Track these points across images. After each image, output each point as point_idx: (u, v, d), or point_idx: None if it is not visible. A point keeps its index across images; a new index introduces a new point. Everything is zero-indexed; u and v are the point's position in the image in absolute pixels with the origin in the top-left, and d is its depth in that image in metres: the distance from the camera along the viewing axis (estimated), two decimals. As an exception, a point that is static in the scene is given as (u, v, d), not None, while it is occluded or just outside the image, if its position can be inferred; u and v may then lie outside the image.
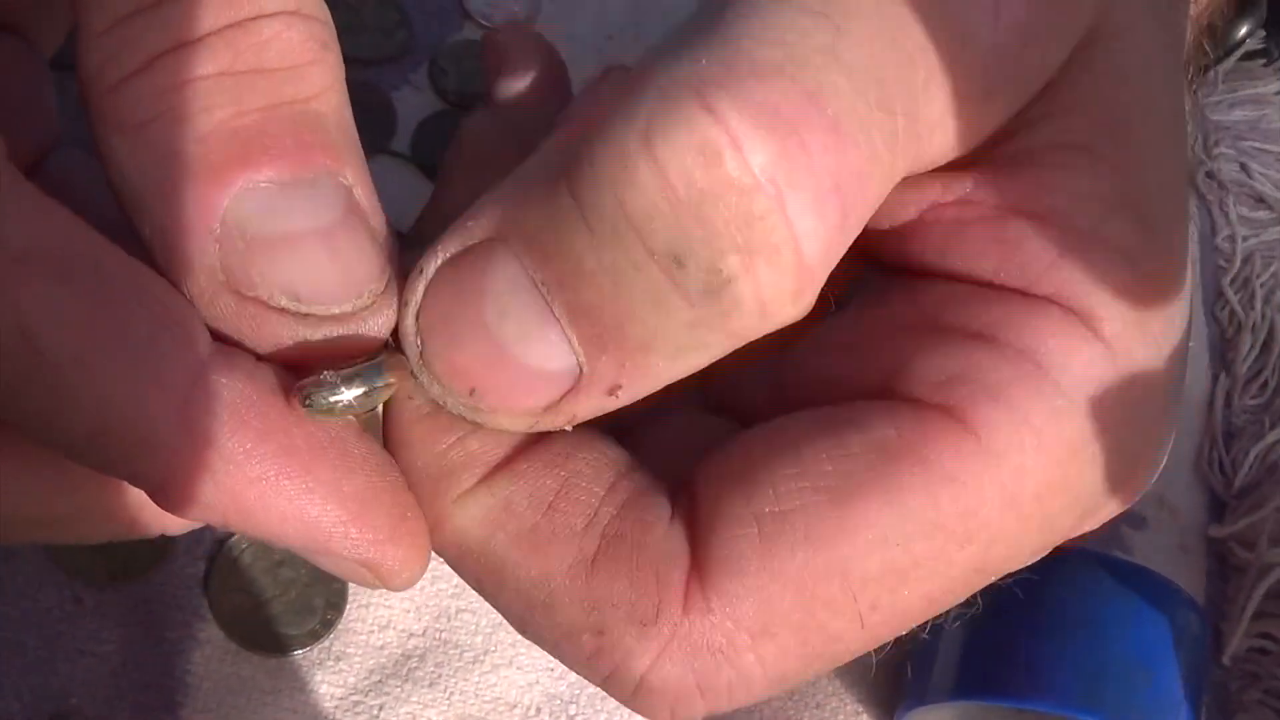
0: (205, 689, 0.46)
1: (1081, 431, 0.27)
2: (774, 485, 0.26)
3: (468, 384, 0.26)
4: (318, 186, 0.25)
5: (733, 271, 0.24)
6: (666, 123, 0.23)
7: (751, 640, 0.26)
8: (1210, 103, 0.67)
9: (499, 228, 0.26)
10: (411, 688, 0.47)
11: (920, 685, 0.47)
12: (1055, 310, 0.27)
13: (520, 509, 0.27)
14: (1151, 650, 0.46)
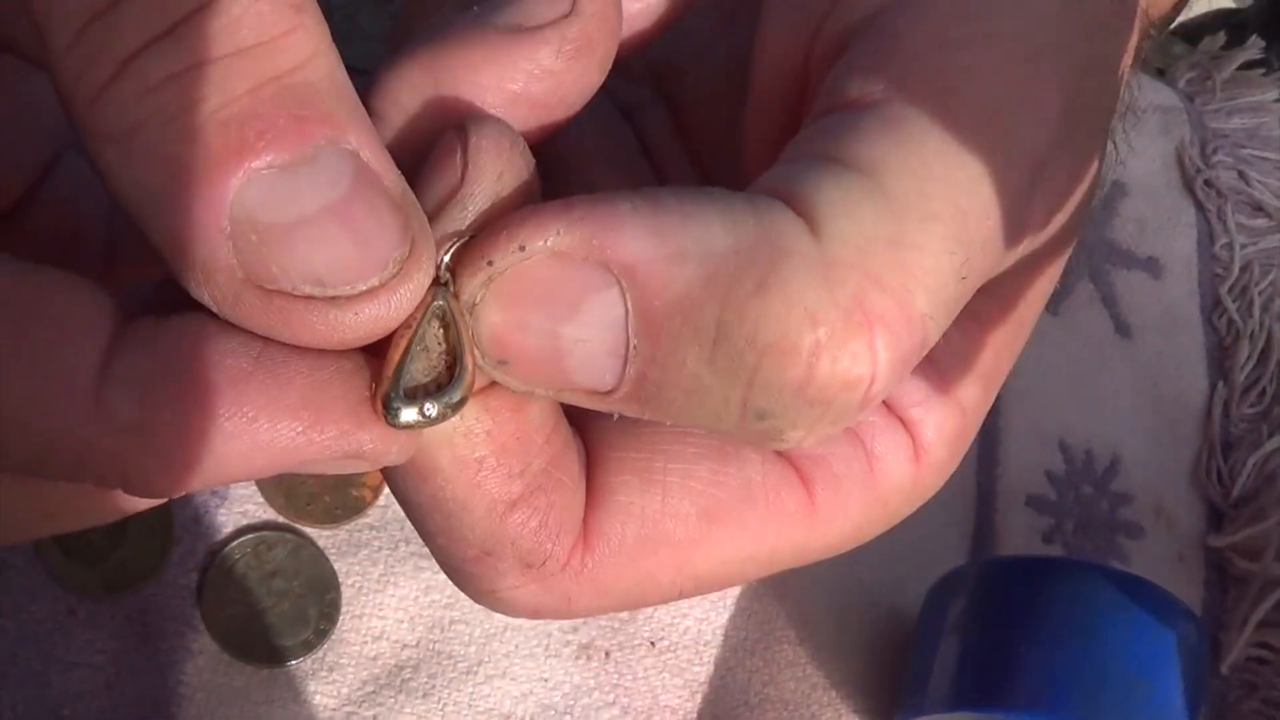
0: (199, 700, 0.46)
1: (880, 522, 0.33)
2: (665, 490, 0.30)
3: (507, 357, 0.26)
4: (320, 161, 0.24)
5: (795, 436, 0.27)
6: (841, 347, 0.25)
7: (594, 596, 0.30)
8: (1209, 110, 0.67)
9: (631, 270, 0.25)
10: (405, 699, 0.47)
11: (917, 696, 0.47)
12: (902, 429, 0.33)
13: (476, 441, 0.27)
14: (1150, 661, 0.45)
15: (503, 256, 0.25)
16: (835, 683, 0.51)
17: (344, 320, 0.24)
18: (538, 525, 0.28)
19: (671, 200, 0.26)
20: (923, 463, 0.33)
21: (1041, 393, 0.58)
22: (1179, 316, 0.62)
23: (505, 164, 0.26)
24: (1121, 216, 0.63)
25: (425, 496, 0.28)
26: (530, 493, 0.28)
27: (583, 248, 0.25)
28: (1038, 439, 0.57)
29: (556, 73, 0.28)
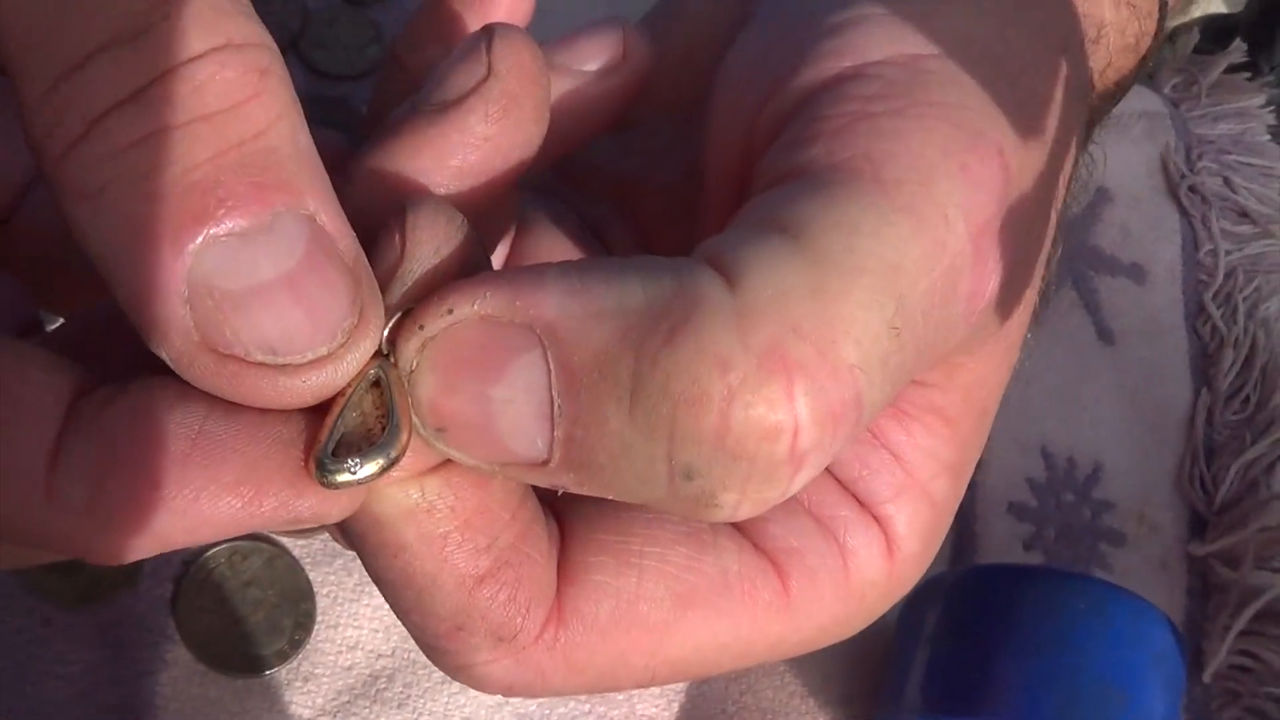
0: (173, 710, 0.46)
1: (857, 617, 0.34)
2: (640, 573, 0.31)
3: (443, 424, 0.26)
4: (276, 229, 0.24)
5: (729, 501, 0.26)
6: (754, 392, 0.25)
7: (568, 673, 0.30)
8: (1194, 116, 0.66)
9: (552, 328, 0.26)
10: (380, 709, 0.47)
11: (892, 704, 0.47)
12: (874, 524, 0.33)
13: (440, 516, 0.28)
14: (1126, 671, 0.45)
15: (434, 321, 0.26)
16: (813, 690, 0.51)
17: (292, 386, 0.25)
18: (507, 599, 0.29)
19: (595, 266, 0.26)
20: (896, 557, 0.34)
21: (1023, 399, 0.58)
22: (1162, 323, 0.61)
23: (442, 239, 0.27)
24: (1105, 222, 0.63)
25: (396, 573, 0.28)
26: (499, 567, 0.29)
27: (508, 309, 0.26)
28: (1019, 446, 0.57)
29: (491, 137, 0.29)
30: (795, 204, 0.28)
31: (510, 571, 0.29)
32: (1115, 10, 0.39)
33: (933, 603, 0.48)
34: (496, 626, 0.29)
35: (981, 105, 0.30)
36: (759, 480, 0.26)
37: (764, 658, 0.33)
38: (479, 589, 0.28)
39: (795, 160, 0.29)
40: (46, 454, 0.25)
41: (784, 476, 0.26)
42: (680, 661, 0.31)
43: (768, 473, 0.26)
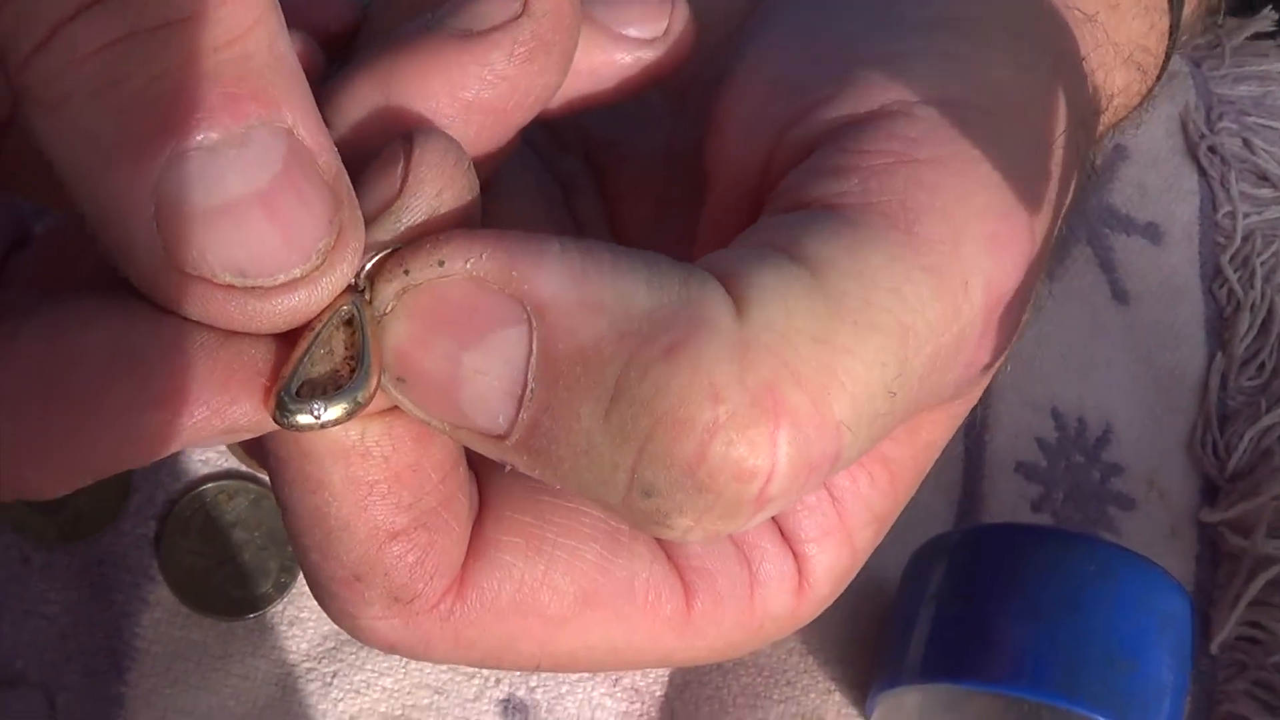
0: (154, 653, 0.45)
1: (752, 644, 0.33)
2: (549, 562, 0.29)
3: (406, 375, 0.25)
4: (251, 142, 0.23)
5: (682, 525, 0.26)
6: (739, 431, 0.24)
7: (453, 646, 0.29)
8: (1215, 76, 0.65)
9: (544, 309, 0.24)
10: (366, 655, 0.46)
11: (894, 666, 0.46)
12: (792, 561, 0.33)
13: (372, 463, 0.26)
14: (1135, 638, 0.44)
15: (420, 269, 0.25)
16: (812, 649, 0.50)
17: (261, 310, 0.24)
18: (414, 562, 0.28)
19: (603, 252, 0.25)
20: (804, 597, 0.33)
21: (1034, 358, 0.57)
22: (1178, 285, 0.60)
23: (447, 181, 0.26)
24: (1122, 180, 0.61)
25: (309, 509, 0.27)
26: (414, 528, 0.27)
27: (501, 276, 0.25)
28: (1029, 405, 0.56)
29: (510, 77, 0.28)
30: (821, 238, 0.26)
31: (424, 535, 0.28)
32: (1125, 76, 0.39)
33: (937, 561, 0.47)
34: (396, 587, 0.28)
35: (1020, 171, 0.29)
36: (718, 515, 0.26)
37: (650, 665, 0.33)
38: (389, 545, 0.27)
39: (828, 189, 0.28)
40: None
41: (744, 516, 0.26)
42: (568, 655, 0.31)
43: (730, 510, 0.25)
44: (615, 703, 0.47)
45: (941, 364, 0.28)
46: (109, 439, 0.24)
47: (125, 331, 0.24)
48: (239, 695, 0.45)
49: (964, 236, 0.27)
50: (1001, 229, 0.28)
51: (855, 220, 0.27)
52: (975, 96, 0.30)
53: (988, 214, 0.28)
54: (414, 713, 0.46)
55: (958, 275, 0.27)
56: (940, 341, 0.27)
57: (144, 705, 0.44)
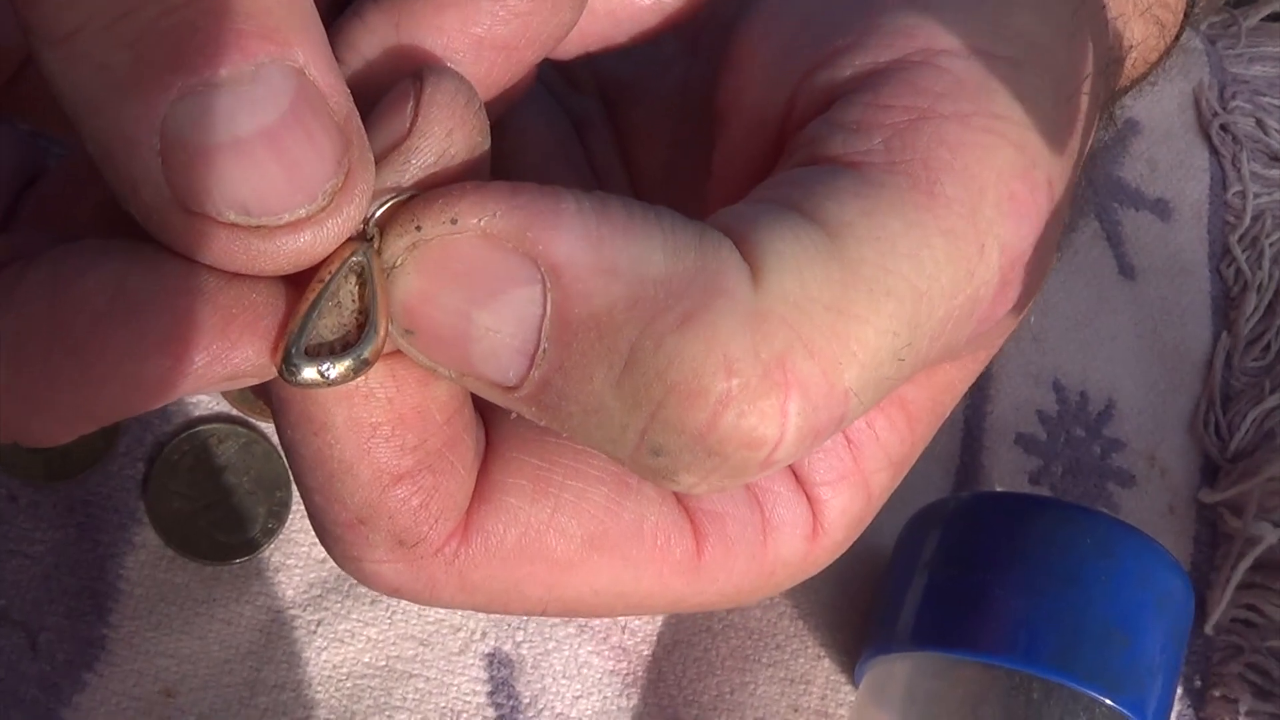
0: (138, 595, 0.44)
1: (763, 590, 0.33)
2: (556, 505, 0.29)
3: (414, 328, 0.25)
4: (259, 80, 0.22)
5: (688, 481, 0.26)
6: (750, 403, 0.25)
7: (458, 590, 0.29)
8: (1231, 55, 0.64)
9: (559, 272, 0.24)
10: (352, 604, 0.45)
11: (885, 633, 0.46)
12: (806, 505, 0.32)
13: (376, 405, 0.26)
14: (1131, 615, 0.44)
15: (433, 225, 0.24)
16: (803, 614, 0.49)
17: (265, 250, 0.23)
18: (419, 505, 0.27)
19: (619, 211, 0.25)
20: (817, 542, 0.33)
21: (1039, 329, 0.56)
22: (1185, 262, 0.60)
23: (458, 122, 0.25)
24: (1132, 155, 0.61)
25: (312, 451, 0.27)
26: (419, 470, 0.27)
27: (515, 236, 0.24)
28: (1031, 377, 0.55)
29: (523, 14, 0.27)
30: (840, 200, 0.26)
31: (430, 477, 0.27)
32: (1143, 29, 0.39)
33: (932, 528, 0.46)
34: (401, 530, 0.27)
35: (1042, 128, 0.29)
36: (724, 474, 0.26)
37: (659, 611, 0.32)
38: (394, 487, 0.27)
39: (850, 147, 0.28)
40: None
41: (749, 475, 0.26)
42: (575, 600, 0.30)
43: (736, 471, 0.26)
44: (602, 660, 0.47)
45: (954, 325, 0.28)
46: (111, 386, 0.24)
47: (127, 277, 0.24)
48: (222, 640, 0.44)
49: (983, 199, 0.27)
50: (1020, 188, 0.28)
51: (876, 181, 0.27)
52: (1000, 46, 0.29)
53: (1008, 173, 0.28)
54: (398, 664, 0.45)
55: (974, 239, 0.27)
56: (953, 304, 0.27)
57: (125, 647, 0.44)
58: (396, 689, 0.45)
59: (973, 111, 0.28)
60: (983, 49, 0.29)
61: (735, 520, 0.31)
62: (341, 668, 0.45)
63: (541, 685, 0.47)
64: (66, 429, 0.24)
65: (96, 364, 0.23)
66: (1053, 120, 0.29)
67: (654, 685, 0.48)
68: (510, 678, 0.46)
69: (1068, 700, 0.43)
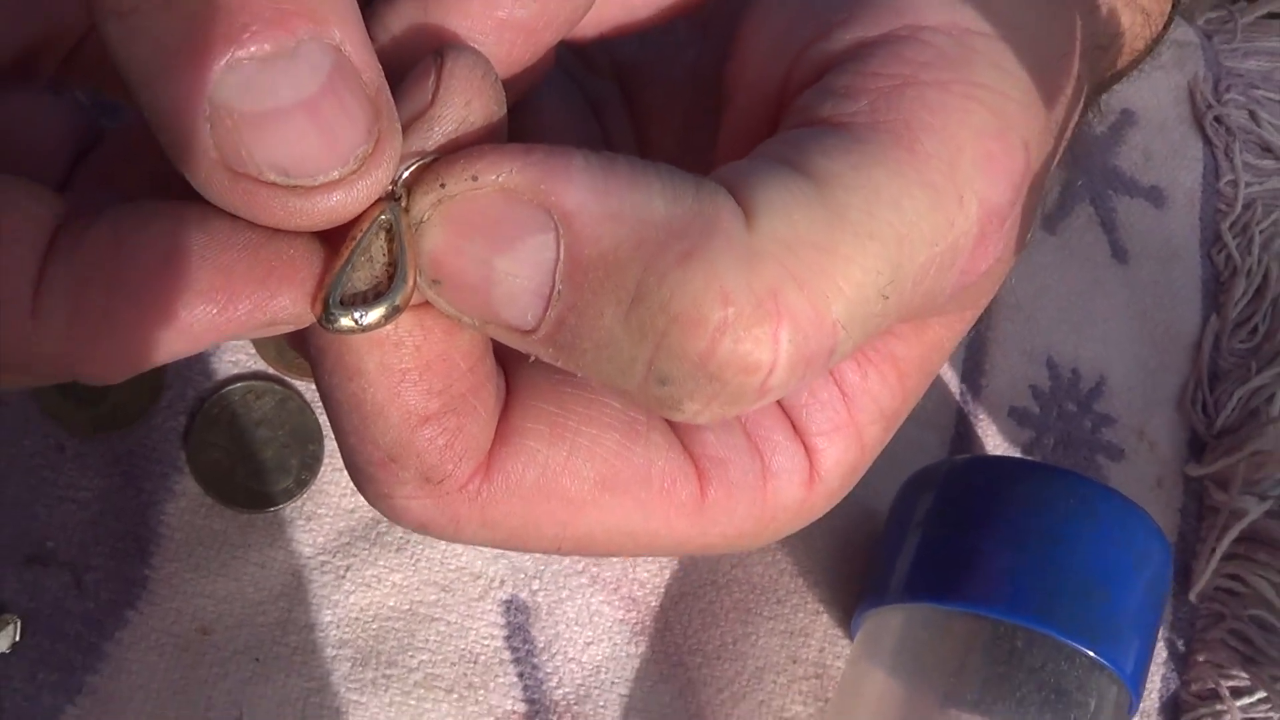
0: (178, 540, 0.47)
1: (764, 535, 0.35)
2: (571, 448, 0.31)
3: (441, 277, 0.27)
4: (300, 55, 0.25)
5: (692, 409, 0.28)
6: (745, 330, 0.27)
7: (480, 525, 0.31)
8: (1226, 50, 0.67)
9: (569, 218, 0.27)
10: (379, 551, 0.48)
11: (880, 586, 0.48)
12: (803, 453, 0.34)
13: (405, 352, 0.28)
14: (1110, 570, 0.46)
15: (456, 182, 0.27)
16: (803, 571, 0.52)
17: (302, 208, 0.26)
18: (444, 444, 0.29)
19: (622, 165, 0.27)
20: (814, 490, 0.35)
21: (1033, 308, 0.58)
22: (1177, 247, 0.62)
23: (475, 93, 0.28)
24: (1128, 144, 0.63)
25: (346, 395, 0.29)
26: (444, 412, 0.29)
27: (530, 189, 0.27)
28: (1025, 353, 0.58)
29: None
30: (827, 153, 0.29)
31: (454, 419, 0.29)
32: (1129, 17, 0.40)
33: (926, 489, 0.49)
34: (428, 467, 0.30)
35: (1018, 96, 0.31)
36: (724, 400, 0.28)
37: (664, 552, 0.34)
38: (421, 428, 0.29)
39: (837, 109, 0.30)
40: (30, 280, 0.26)
41: (748, 402, 0.28)
42: (587, 538, 0.32)
43: (735, 397, 0.28)
44: (613, 609, 0.50)
45: (936, 271, 0.30)
46: (162, 331, 0.26)
47: (179, 233, 0.26)
48: (256, 583, 0.47)
49: (961, 155, 0.29)
50: (996, 148, 0.30)
51: (861, 138, 0.29)
52: (981, 24, 0.32)
53: (984, 134, 0.30)
54: (421, 608, 0.48)
55: (953, 191, 0.29)
56: (934, 251, 0.29)
57: (166, 587, 0.47)
58: (419, 631, 0.48)
59: (952, 79, 0.30)
60: (965, 26, 0.31)
61: (737, 466, 0.34)
62: (368, 610, 0.48)
63: (555, 631, 0.49)
64: (119, 368, 0.27)
65: (151, 310, 0.26)
66: (1029, 90, 0.31)
67: (661, 634, 0.50)
68: (526, 623, 0.49)
69: (1050, 649, 0.45)
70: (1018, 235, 0.33)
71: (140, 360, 0.27)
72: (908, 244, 0.28)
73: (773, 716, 0.50)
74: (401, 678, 0.48)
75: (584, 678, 0.49)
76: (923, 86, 0.30)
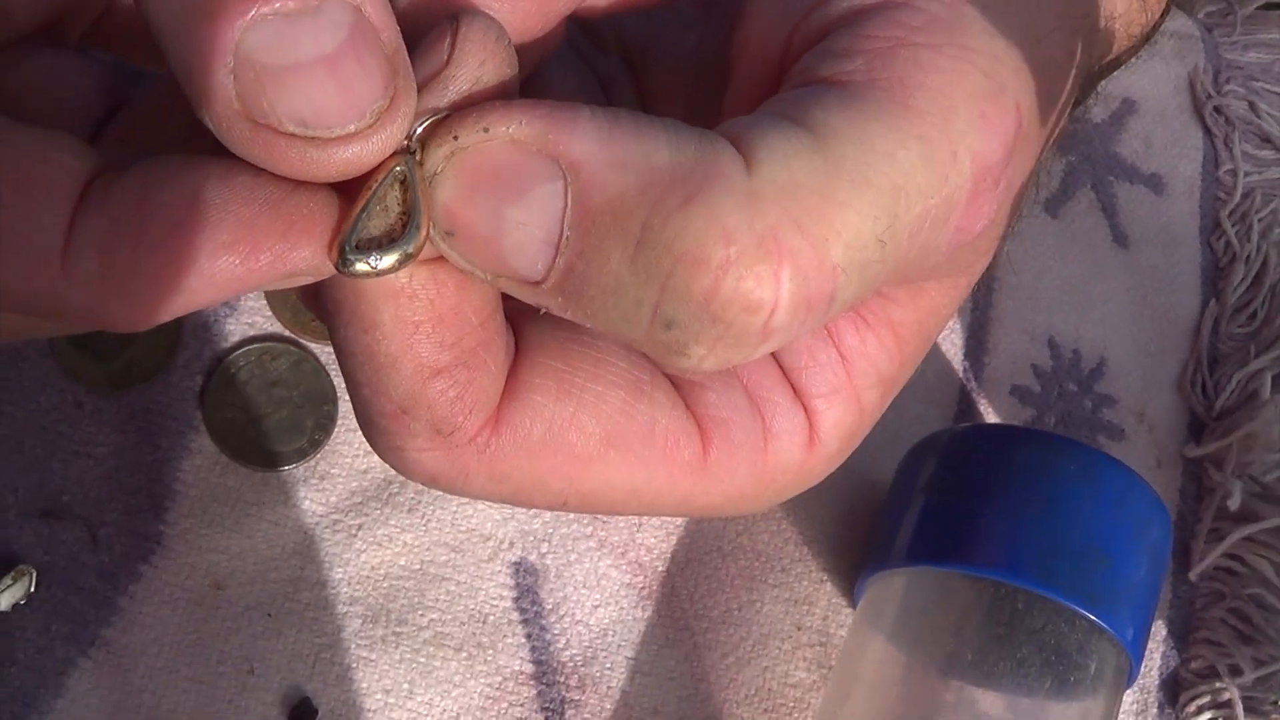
0: (193, 496, 0.48)
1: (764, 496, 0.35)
2: (577, 404, 0.32)
3: (454, 228, 0.28)
4: (322, 13, 0.26)
5: (697, 354, 0.29)
6: (747, 268, 0.27)
7: (488, 479, 0.32)
8: (1226, 42, 0.68)
9: (577, 167, 0.27)
10: (390, 511, 0.49)
11: (882, 550, 0.49)
12: (803, 415, 0.35)
13: (418, 305, 0.29)
14: (1110, 536, 0.47)
15: (468, 134, 0.28)
16: (808, 540, 0.52)
17: (319, 158, 0.27)
18: (455, 396, 0.30)
19: (626, 117, 0.28)
20: (814, 452, 0.35)
21: (1034, 289, 0.59)
22: (1177, 233, 0.63)
23: (488, 54, 0.29)
24: (1129, 132, 0.64)
25: (361, 347, 0.30)
26: (456, 365, 0.30)
27: (538, 140, 0.28)
28: (1027, 333, 0.59)
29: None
30: (825, 107, 0.29)
31: (465, 372, 0.30)
32: (1126, 3, 0.42)
33: (929, 456, 0.49)
34: (438, 419, 0.30)
35: (1010, 61, 0.32)
36: (729, 343, 0.28)
37: (668, 511, 0.35)
38: (433, 380, 0.30)
39: (835, 69, 0.31)
40: (62, 230, 0.27)
41: (751, 345, 0.28)
42: (592, 494, 0.33)
43: (738, 339, 0.28)
44: (620, 573, 0.50)
45: (930, 225, 0.30)
46: (186, 280, 0.27)
47: (204, 187, 0.27)
48: (269, 540, 0.48)
49: (954, 113, 0.30)
50: (990, 109, 0.31)
51: (857, 94, 0.30)
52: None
53: (977, 94, 0.31)
54: (431, 568, 0.49)
55: (947, 145, 0.30)
56: (929, 203, 0.30)
57: (180, 543, 0.47)
58: (429, 591, 0.49)
59: (945, 42, 0.31)
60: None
61: (739, 426, 0.34)
62: (379, 569, 0.49)
63: (563, 594, 0.50)
64: (146, 317, 0.28)
65: (175, 260, 0.27)
66: (1019, 58, 0.32)
67: (667, 599, 0.51)
68: (534, 585, 0.50)
69: (1050, 612, 0.46)
70: (1012, 201, 0.33)
71: (166, 309, 0.28)
72: (903, 195, 0.29)
73: (777, 683, 0.51)
74: (411, 635, 0.48)
75: (591, 640, 0.50)
76: (917, 48, 0.31)
